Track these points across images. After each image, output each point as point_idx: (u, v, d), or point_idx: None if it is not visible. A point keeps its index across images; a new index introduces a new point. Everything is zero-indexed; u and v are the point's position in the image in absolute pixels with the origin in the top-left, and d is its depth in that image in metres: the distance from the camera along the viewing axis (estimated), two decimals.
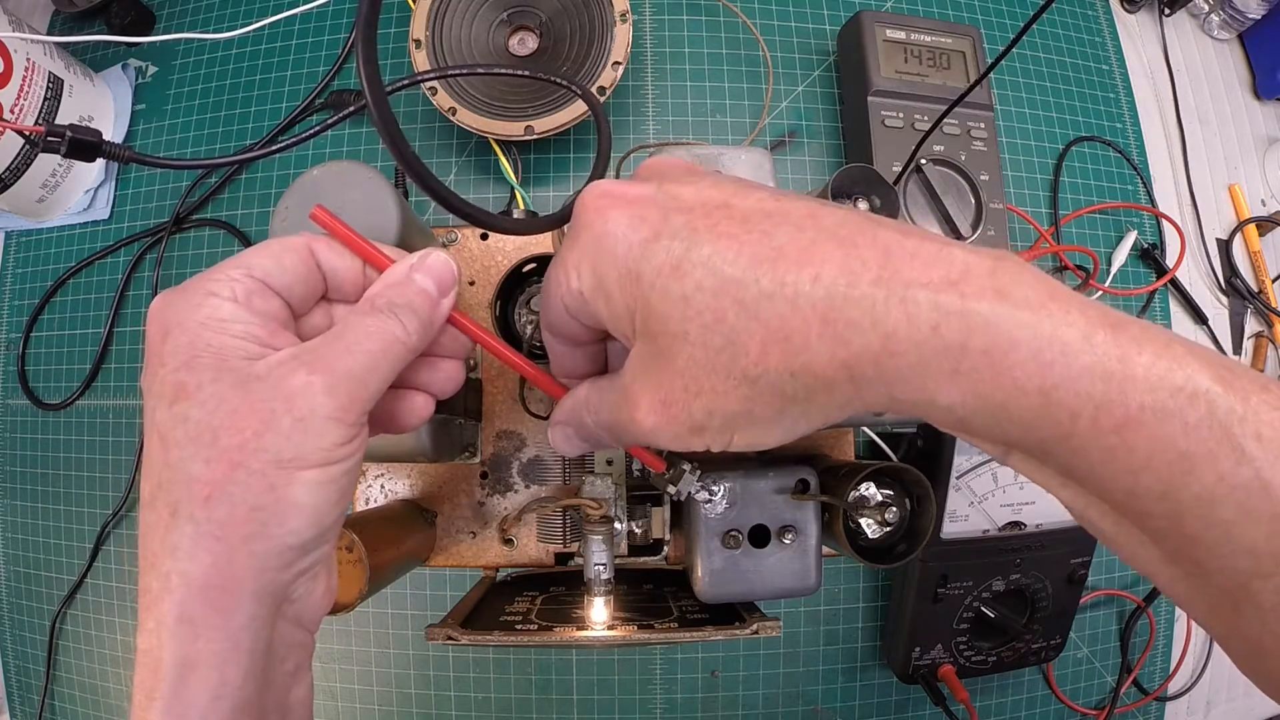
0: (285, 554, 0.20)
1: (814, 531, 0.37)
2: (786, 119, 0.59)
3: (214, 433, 0.19)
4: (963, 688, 0.50)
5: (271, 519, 0.20)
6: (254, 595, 0.20)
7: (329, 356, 0.21)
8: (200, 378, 0.20)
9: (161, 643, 0.19)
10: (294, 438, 0.20)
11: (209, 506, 0.19)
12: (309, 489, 0.20)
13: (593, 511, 0.38)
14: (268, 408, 0.20)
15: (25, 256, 0.62)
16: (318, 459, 0.20)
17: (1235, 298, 0.63)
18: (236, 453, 0.19)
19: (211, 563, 0.19)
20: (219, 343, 0.20)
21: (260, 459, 0.19)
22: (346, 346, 0.21)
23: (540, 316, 0.26)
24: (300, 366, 0.20)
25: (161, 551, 0.19)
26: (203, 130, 0.60)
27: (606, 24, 0.51)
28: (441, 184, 0.23)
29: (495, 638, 0.34)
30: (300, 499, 0.20)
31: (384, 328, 0.22)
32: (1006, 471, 0.51)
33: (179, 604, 0.19)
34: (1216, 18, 0.67)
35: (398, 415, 0.26)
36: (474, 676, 0.53)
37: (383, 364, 0.22)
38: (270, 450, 0.19)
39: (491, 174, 0.57)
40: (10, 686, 0.59)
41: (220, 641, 0.19)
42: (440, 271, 0.24)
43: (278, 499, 0.20)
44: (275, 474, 0.20)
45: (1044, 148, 0.62)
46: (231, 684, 0.19)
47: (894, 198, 0.36)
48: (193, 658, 0.19)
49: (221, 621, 0.19)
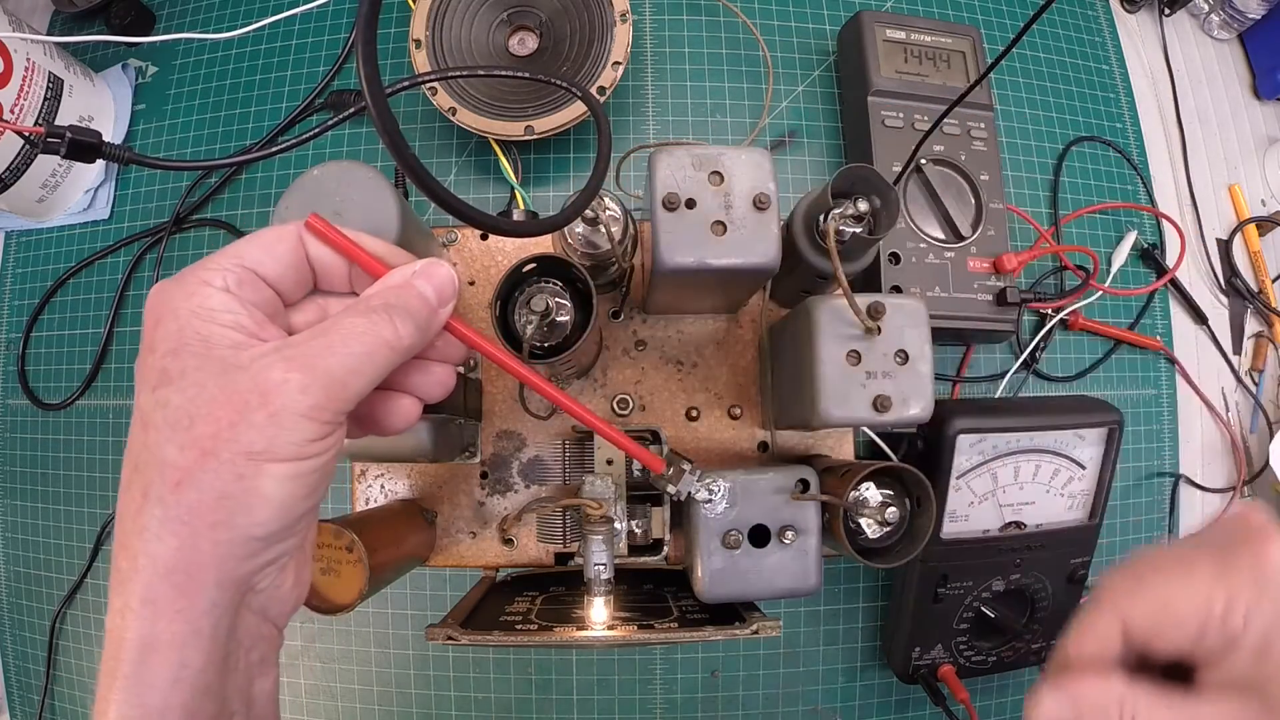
0: (249, 544, 0.20)
1: (814, 531, 0.37)
2: (786, 119, 0.59)
3: (191, 420, 0.20)
4: (963, 688, 0.50)
5: (238, 509, 0.20)
6: (217, 583, 0.20)
7: (310, 353, 0.21)
8: (184, 364, 0.20)
9: (126, 623, 0.19)
10: (266, 431, 0.20)
11: (179, 491, 0.20)
12: (276, 483, 0.20)
13: (593, 511, 0.38)
14: (243, 399, 0.20)
15: (25, 256, 0.62)
16: (287, 454, 0.20)
17: (1235, 298, 0.63)
18: (210, 441, 0.20)
19: (177, 547, 0.19)
20: (206, 331, 0.21)
21: (231, 449, 0.20)
22: (329, 345, 0.21)
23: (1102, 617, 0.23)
24: (280, 361, 0.20)
25: (132, 532, 0.20)
26: (203, 130, 0.60)
27: (606, 24, 0.51)
28: (441, 185, 0.23)
29: (495, 638, 0.34)
30: (267, 492, 0.20)
31: (373, 329, 0.22)
32: (1007, 471, 0.51)
33: (144, 585, 0.19)
34: (1216, 18, 0.67)
35: (383, 417, 0.25)
36: (474, 676, 0.53)
37: (366, 365, 0.22)
38: (242, 442, 0.20)
39: (491, 174, 0.57)
40: (10, 686, 0.59)
41: (182, 625, 0.20)
42: (441, 281, 0.24)
43: (245, 490, 0.20)
44: (244, 465, 0.20)
45: (1044, 148, 0.62)
46: (192, 667, 0.20)
47: (894, 198, 0.36)
48: (154, 639, 0.19)
49: (184, 605, 0.20)
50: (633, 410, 0.47)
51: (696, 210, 0.34)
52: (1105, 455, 0.51)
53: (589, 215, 0.36)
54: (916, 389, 0.35)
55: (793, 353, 0.39)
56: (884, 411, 0.35)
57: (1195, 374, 0.61)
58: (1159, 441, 0.60)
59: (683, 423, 0.47)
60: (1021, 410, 0.51)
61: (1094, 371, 0.59)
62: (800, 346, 0.37)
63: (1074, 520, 0.52)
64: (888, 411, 0.35)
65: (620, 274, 0.42)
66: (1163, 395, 0.60)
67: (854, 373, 0.35)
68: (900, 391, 0.35)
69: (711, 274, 0.35)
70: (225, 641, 0.21)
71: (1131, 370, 0.60)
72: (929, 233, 0.53)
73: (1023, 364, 0.58)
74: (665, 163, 0.35)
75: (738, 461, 0.47)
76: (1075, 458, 0.51)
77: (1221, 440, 0.61)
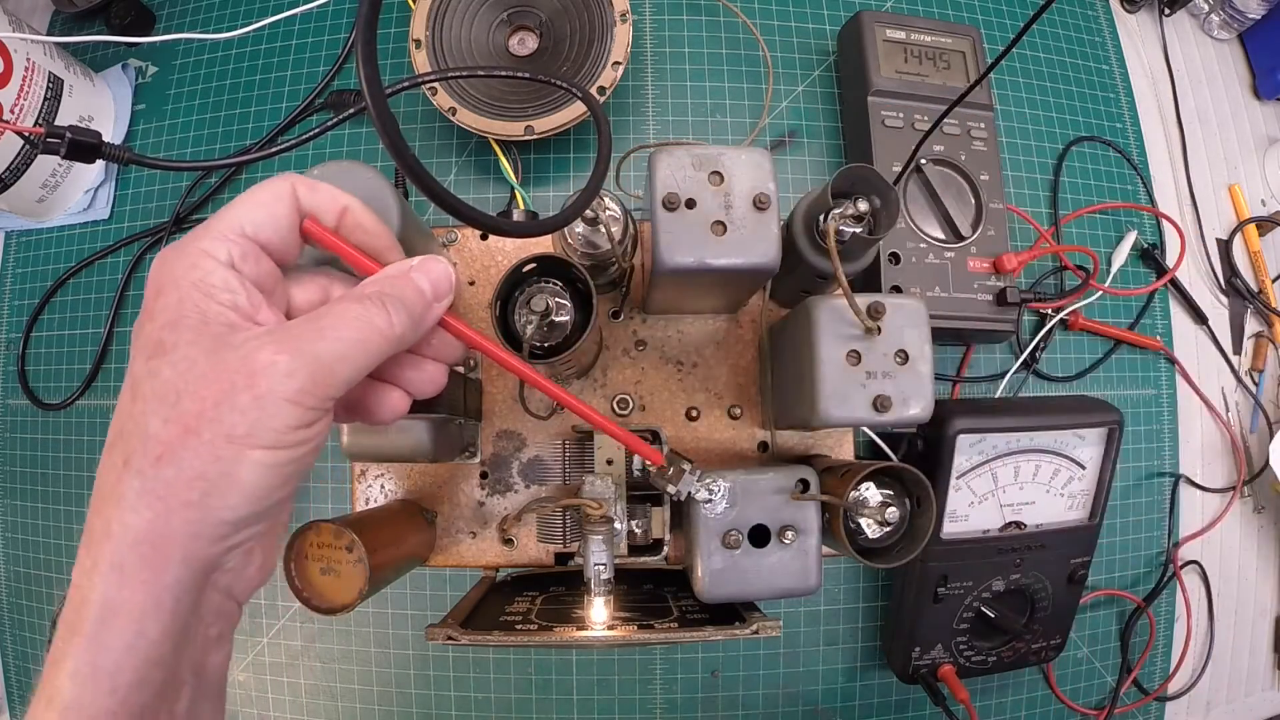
0: (219, 527, 0.21)
1: (814, 531, 0.37)
2: (786, 119, 0.59)
3: (178, 394, 0.20)
4: (963, 688, 0.50)
5: (212, 490, 0.20)
6: (183, 560, 0.20)
7: (301, 337, 0.21)
8: (179, 337, 0.20)
9: (93, 583, 0.20)
10: (249, 414, 0.20)
11: (158, 465, 0.20)
12: (253, 468, 0.20)
13: (593, 511, 0.38)
14: (230, 379, 0.20)
15: (25, 256, 0.62)
16: (268, 440, 0.20)
17: (1235, 298, 0.63)
18: (194, 419, 0.20)
19: (150, 519, 0.20)
20: (204, 307, 0.21)
21: (213, 430, 0.20)
22: (321, 330, 0.21)
23: None
24: (270, 343, 0.21)
25: (110, 498, 0.20)
26: (203, 130, 0.60)
27: (606, 24, 0.51)
28: (441, 185, 0.23)
29: (495, 638, 0.34)
30: (243, 476, 0.20)
31: (366, 317, 0.22)
32: (1007, 471, 0.51)
33: (114, 551, 0.20)
34: (1216, 18, 0.67)
35: (371, 407, 0.26)
36: (474, 676, 0.53)
37: (356, 353, 0.22)
38: (225, 423, 0.20)
39: (491, 174, 0.57)
40: (10, 686, 0.59)
41: (144, 596, 0.20)
42: (438, 275, 0.24)
43: (221, 473, 0.20)
44: (224, 447, 0.20)
45: (1044, 148, 0.62)
46: (148, 638, 0.20)
47: (894, 198, 0.36)
48: (117, 605, 0.20)
49: (149, 577, 0.20)
50: (633, 410, 0.47)
51: (696, 210, 0.34)
52: (1105, 455, 0.51)
53: (589, 215, 0.36)
54: (916, 389, 0.35)
55: (793, 353, 0.39)
56: (884, 411, 0.35)
57: (1195, 374, 0.61)
58: (1159, 441, 0.60)
59: (683, 423, 0.47)
60: (1021, 410, 0.51)
61: (1094, 371, 0.59)
62: (800, 346, 0.37)
63: (1074, 520, 0.52)
64: (888, 411, 0.35)
65: (620, 274, 0.42)
66: (1163, 395, 0.60)
67: (854, 373, 0.35)
68: (900, 391, 0.35)
69: (711, 274, 0.35)
70: (185, 616, 0.21)
71: (1131, 370, 0.60)
72: (929, 233, 0.53)
73: (1023, 364, 0.58)
74: (665, 163, 0.35)
75: (738, 461, 0.47)
76: (1075, 458, 0.51)
77: (1221, 440, 0.61)
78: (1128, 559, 0.58)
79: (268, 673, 0.54)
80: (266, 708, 0.54)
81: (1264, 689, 0.61)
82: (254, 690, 0.54)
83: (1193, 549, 0.60)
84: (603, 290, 0.43)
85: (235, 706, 0.54)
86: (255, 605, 0.54)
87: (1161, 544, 0.59)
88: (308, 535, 0.37)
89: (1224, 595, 0.60)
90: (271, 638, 0.54)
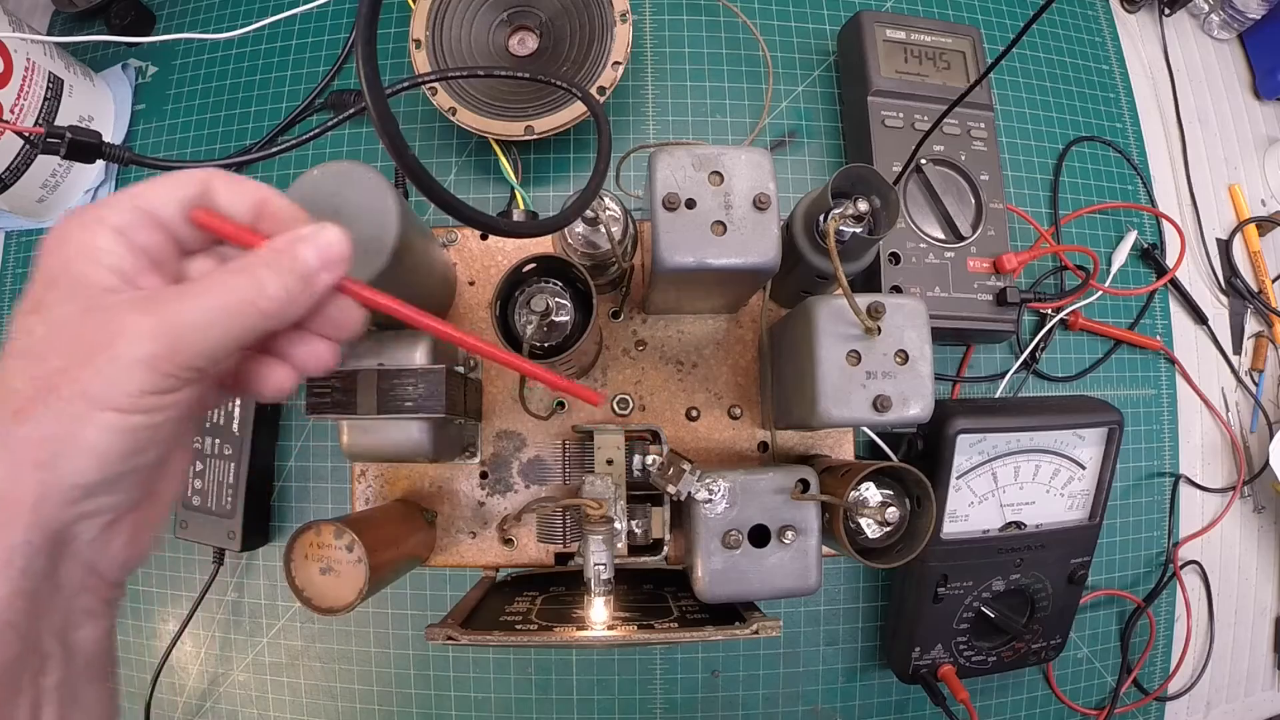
0: (69, 491, 0.20)
1: (814, 531, 0.37)
2: (786, 119, 0.59)
3: (44, 353, 0.20)
4: (963, 688, 0.50)
5: (62, 452, 0.20)
6: (30, 523, 0.20)
7: (167, 302, 0.21)
8: (56, 296, 0.21)
9: None
10: (104, 373, 0.20)
11: (16, 421, 0.20)
12: (101, 431, 0.20)
13: (593, 511, 0.38)
14: (93, 339, 0.20)
15: (25, 256, 0.62)
16: (118, 403, 0.20)
17: (1235, 298, 0.63)
18: (57, 376, 0.20)
19: (3, 477, 0.19)
20: (85, 269, 0.21)
21: (71, 389, 0.20)
22: (190, 295, 0.21)
23: None
24: (136, 307, 0.20)
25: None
26: (203, 130, 0.60)
27: (606, 24, 0.51)
28: (441, 186, 0.23)
29: (495, 638, 0.34)
30: (90, 440, 0.20)
31: (238, 285, 0.22)
32: (1007, 471, 0.51)
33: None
34: (1216, 18, 0.67)
35: (252, 380, 0.25)
36: (474, 676, 0.53)
37: (225, 321, 0.21)
38: (81, 382, 0.20)
39: (491, 174, 0.57)
40: None
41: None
42: (324, 243, 0.23)
43: (71, 434, 0.20)
44: (78, 407, 0.20)
45: (1044, 148, 0.62)
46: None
47: (894, 198, 0.36)
48: None
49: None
50: (633, 410, 0.47)
51: (696, 210, 0.34)
52: (1105, 455, 0.51)
53: (589, 215, 0.36)
54: (916, 389, 0.35)
55: (792, 353, 0.39)
56: (884, 411, 0.35)
57: (1195, 374, 0.61)
58: (1159, 441, 0.60)
59: (683, 423, 0.47)
60: (1021, 410, 0.51)
61: (1094, 371, 0.59)
62: (800, 346, 0.37)
63: (1074, 520, 0.52)
64: (888, 411, 0.35)
65: (620, 274, 0.42)
66: (1163, 395, 0.60)
67: (854, 373, 0.35)
68: (900, 391, 0.35)
69: (711, 274, 0.35)
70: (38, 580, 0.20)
71: (1131, 370, 0.60)
72: (929, 233, 0.53)
73: (1023, 364, 0.58)
74: (665, 163, 0.35)
75: (738, 461, 0.47)
76: (1075, 458, 0.51)
77: (1221, 440, 0.61)
78: (1128, 559, 0.58)
79: (268, 673, 0.54)
80: (266, 708, 0.54)
81: (1264, 689, 0.61)
82: (254, 690, 0.54)
83: (1193, 549, 0.60)
84: (603, 290, 0.43)
85: (235, 706, 0.54)
86: (255, 605, 0.54)
87: (1161, 544, 0.59)
88: (308, 535, 0.37)
89: (1224, 595, 0.60)
90: (271, 638, 0.54)
